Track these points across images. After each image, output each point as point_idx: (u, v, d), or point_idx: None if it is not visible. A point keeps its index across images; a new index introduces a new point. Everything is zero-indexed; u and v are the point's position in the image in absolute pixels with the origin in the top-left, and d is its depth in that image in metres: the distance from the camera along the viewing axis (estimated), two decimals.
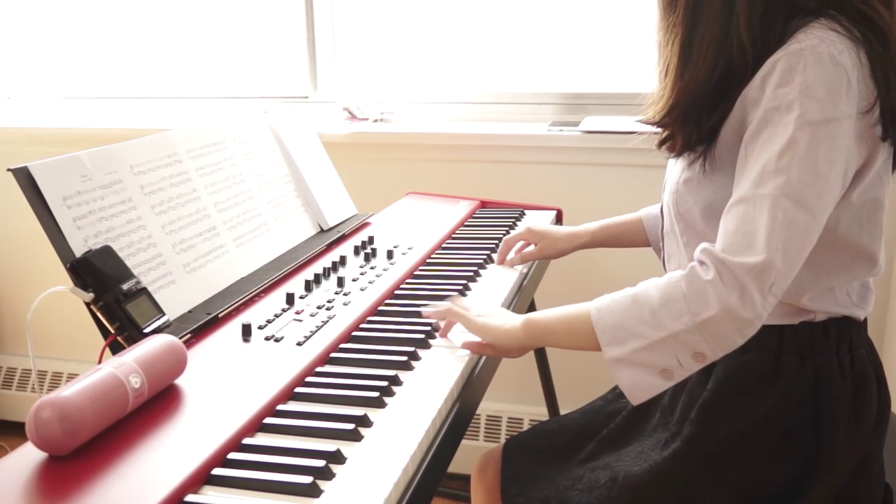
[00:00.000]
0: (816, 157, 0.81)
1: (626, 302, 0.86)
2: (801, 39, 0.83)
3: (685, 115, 0.91)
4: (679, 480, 0.92)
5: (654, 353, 0.83)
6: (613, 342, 0.85)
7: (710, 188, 0.92)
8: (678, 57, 0.89)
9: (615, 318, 0.85)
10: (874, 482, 0.95)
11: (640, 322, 0.84)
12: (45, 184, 0.98)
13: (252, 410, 0.81)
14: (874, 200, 0.90)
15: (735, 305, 0.79)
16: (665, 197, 1.02)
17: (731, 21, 0.86)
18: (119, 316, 0.96)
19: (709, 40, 0.87)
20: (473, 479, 1.21)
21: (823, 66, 0.81)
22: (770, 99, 0.83)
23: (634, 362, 0.84)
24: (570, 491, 0.97)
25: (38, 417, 0.72)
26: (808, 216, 0.81)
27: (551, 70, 2.01)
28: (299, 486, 0.69)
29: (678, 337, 0.82)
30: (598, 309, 0.87)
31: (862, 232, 0.90)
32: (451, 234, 1.49)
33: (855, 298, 0.94)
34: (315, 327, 1.03)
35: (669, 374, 0.84)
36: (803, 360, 0.91)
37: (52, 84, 2.38)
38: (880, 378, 0.96)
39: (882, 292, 1.75)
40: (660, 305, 0.83)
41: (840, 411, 0.91)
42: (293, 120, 1.55)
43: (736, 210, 0.83)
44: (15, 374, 2.37)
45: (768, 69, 0.84)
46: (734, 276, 0.80)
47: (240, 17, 2.20)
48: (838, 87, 0.81)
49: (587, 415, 1.12)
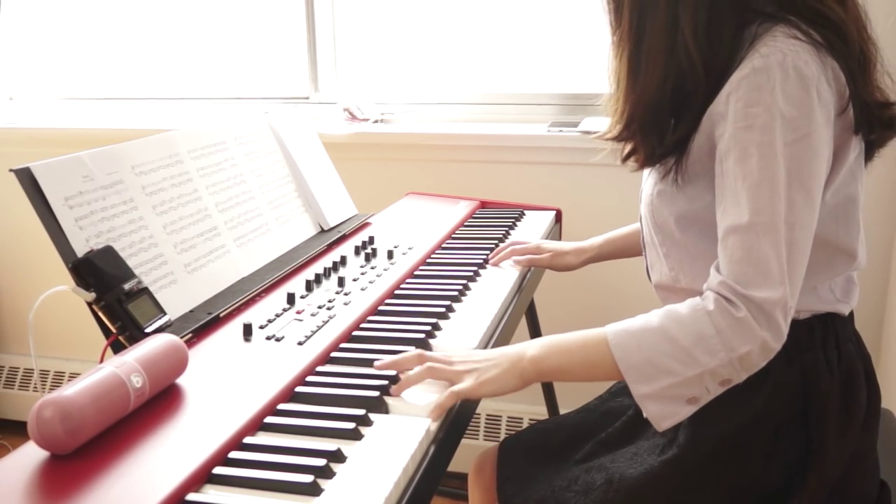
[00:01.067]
0: (801, 176, 0.82)
1: (653, 339, 0.85)
2: (764, 53, 0.82)
3: (644, 128, 0.92)
4: (673, 483, 0.93)
5: (684, 387, 0.84)
6: (642, 380, 0.85)
7: (683, 199, 0.93)
8: (627, 70, 0.90)
9: (643, 355, 0.85)
10: (868, 478, 0.95)
11: (671, 360, 0.83)
12: (47, 184, 0.98)
13: (253, 410, 0.82)
14: (848, 198, 0.91)
15: (769, 339, 0.82)
16: (641, 208, 1.03)
17: (675, 32, 0.86)
18: (120, 315, 0.96)
19: (655, 52, 0.87)
20: (471, 478, 1.22)
21: (791, 82, 0.81)
22: (741, 118, 0.83)
23: (664, 396, 0.85)
24: (567, 492, 0.97)
25: (40, 417, 0.72)
26: (803, 233, 0.83)
27: (551, 71, 2.01)
28: (300, 484, 0.70)
29: (714, 371, 0.83)
30: (618, 346, 0.86)
31: (838, 229, 0.91)
32: (451, 234, 1.49)
33: (838, 294, 0.95)
34: (316, 327, 1.03)
35: (696, 400, 0.85)
36: (790, 359, 0.91)
37: (54, 85, 2.39)
38: (869, 372, 0.96)
39: (880, 292, 1.75)
40: (692, 343, 0.83)
41: (829, 407, 0.91)
42: (294, 121, 1.55)
43: (736, 239, 0.83)
44: (17, 374, 2.37)
45: (734, 86, 0.83)
46: (764, 313, 0.81)
47: (241, 19, 2.21)
48: (808, 99, 0.81)
49: (582, 414, 1.13)
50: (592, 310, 1.89)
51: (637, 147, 0.95)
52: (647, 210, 0.99)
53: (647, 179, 1.00)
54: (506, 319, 1.14)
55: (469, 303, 1.15)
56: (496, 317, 1.11)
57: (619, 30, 0.90)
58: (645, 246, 1.05)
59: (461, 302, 1.15)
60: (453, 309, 1.11)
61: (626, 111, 0.92)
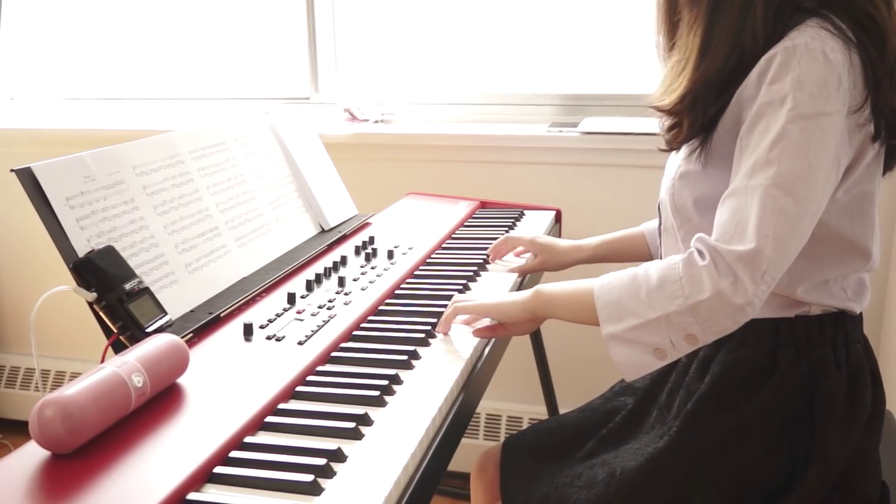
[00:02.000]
0: (807, 149, 0.83)
1: (626, 280, 0.89)
2: (793, 37, 0.85)
3: (695, 102, 0.93)
4: (676, 473, 0.93)
5: (647, 331, 0.86)
6: (611, 319, 0.88)
7: (706, 182, 0.94)
8: (698, 49, 0.91)
9: (614, 295, 0.89)
10: (870, 479, 0.96)
11: (636, 301, 0.87)
12: (49, 184, 0.98)
13: (253, 409, 0.82)
14: (863, 194, 0.91)
15: (727, 291, 0.82)
16: (662, 193, 1.03)
17: (748, 14, 0.88)
18: (121, 315, 0.96)
19: (727, 32, 0.89)
20: (473, 477, 1.22)
21: (815, 62, 0.83)
22: (764, 95, 0.85)
23: (629, 340, 0.87)
24: (569, 488, 0.98)
25: (41, 416, 0.72)
26: (798, 206, 0.83)
27: (550, 71, 2.01)
28: (300, 484, 0.70)
29: (670, 318, 0.85)
30: (600, 286, 0.91)
31: (854, 225, 0.92)
32: (452, 234, 1.50)
33: (850, 293, 0.95)
34: (316, 326, 1.04)
35: (662, 353, 0.87)
36: (799, 354, 0.92)
37: (55, 85, 2.39)
38: (875, 374, 0.97)
39: (878, 292, 1.76)
40: (656, 286, 0.86)
41: (835, 404, 0.91)
42: (294, 121, 1.55)
43: (729, 201, 0.86)
44: (18, 373, 2.38)
45: (763, 67, 0.86)
46: (726, 263, 0.82)
47: (241, 19, 2.21)
48: (829, 82, 0.83)
49: (585, 413, 1.13)
50: None
51: (682, 121, 0.95)
52: (668, 194, 1.00)
53: (671, 164, 1.02)
54: None
55: (476, 290, 1.15)
56: None
57: (697, 7, 0.91)
58: (661, 234, 1.06)
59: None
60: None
61: (685, 87, 0.93)
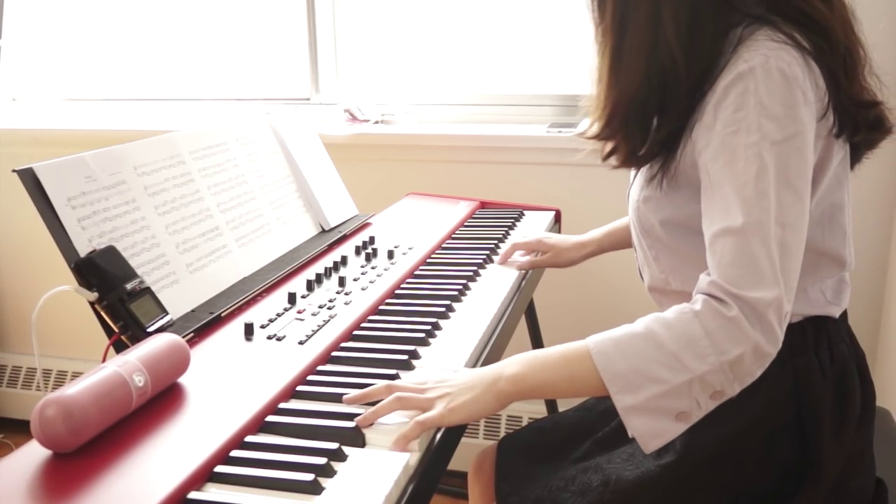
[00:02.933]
0: (789, 176, 0.80)
1: (637, 344, 0.79)
2: (747, 58, 0.82)
3: (626, 126, 0.91)
4: (670, 488, 0.93)
5: (672, 397, 0.78)
6: (626, 389, 0.79)
7: (670, 207, 0.92)
8: (609, 66, 0.90)
9: (628, 363, 0.79)
10: (865, 476, 0.96)
11: (658, 366, 0.78)
12: (50, 185, 0.99)
13: (254, 409, 0.82)
14: (833, 205, 0.90)
15: (762, 342, 0.77)
16: (629, 212, 1.02)
17: (658, 29, 0.85)
18: (123, 315, 0.96)
19: (637, 48, 0.87)
20: (470, 476, 1.22)
21: (775, 83, 0.80)
22: (728, 123, 0.82)
23: (650, 409, 0.79)
24: (563, 493, 0.97)
25: (42, 415, 0.72)
26: (795, 235, 0.81)
27: (550, 72, 2.01)
28: (301, 483, 0.70)
29: (703, 378, 0.77)
30: (601, 354, 0.80)
31: (824, 236, 0.90)
32: (452, 234, 1.50)
33: (829, 296, 0.94)
34: (317, 326, 1.04)
35: (686, 416, 0.80)
36: (783, 363, 0.88)
37: (56, 86, 2.39)
38: (863, 370, 0.96)
39: (877, 292, 1.76)
40: (680, 347, 0.77)
41: (823, 410, 0.90)
42: (295, 121, 1.56)
43: (726, 241, 0.80)
44: (20, 373, 2.38)
45: (720, 95, 0.83)
46: (757, 313, 0.77)
47: (242, 20, 2.21)
48: (793, 99, 0.80)
49: (580, 413, 1.13)
50: (592, 309, 1.90)
51: (618, 145, 0.94)
52: (634, 216, 0.99)
53: (633, 184, 1.00)
54: (505, 319, 1.14)
55: (469, 302, 1.16)
56: (496, 316, 1.11)
57: (602, 25, 0.90)
58: (635, 248, 1.05)
59: (461, 302, 1.16)
60: (453, 308, 1.12)
61: (608, 108, 0.91)
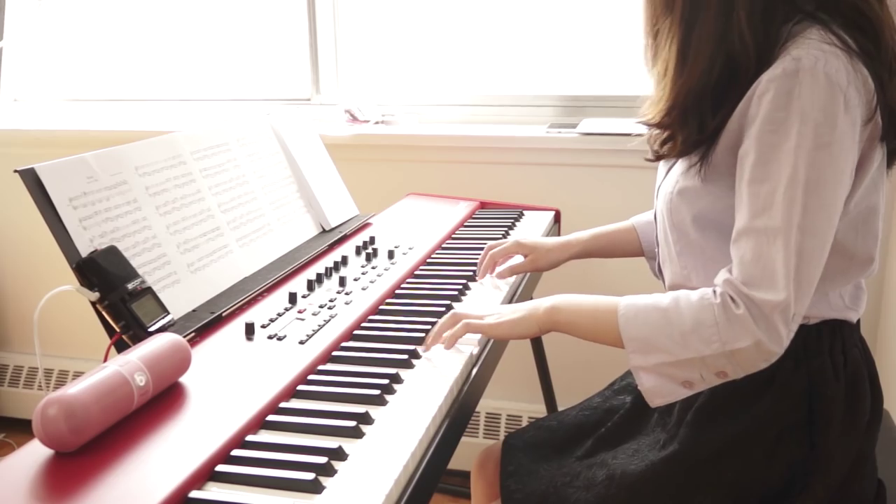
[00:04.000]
0: (819, 184, 0.81)
1: (657, 317, 0.87)
2: (796, 56, 0.82)
3: (685, 114, 0.91)
4: (675, 481, 0.93)
5: (678, 368, 0.87)
6: (639, 351, 0.88)
7: (706, 199, 0.92)
8: (677, 57, 0.89)
9: (644, 331, 0.88)
10: (867, 479, 0.96)
11: (668, 340, 0.86)
12: (52, 185, 0.99)
13: (255, 408, 0.82)
14: (869, 208, 0.90)
15: (764, 340, 0.82)
16: (658, 206, 1.02)
17: (730, 18, 0.85)
18: (124, 315, 0.97)
19: (707, 38, 0.87)
20: (473, 474, 1.22)
21: (820, 88, 0.80)
22: (767, 121, 0.83)
23: (658, 372, 0.88)
24: (568, 488, 0.98)
25: (44, 415, 0.73)
26: (818, 242, 0.82)
27: (550, 73, 2.01)
28: (302, 482, 0.70)
29: (705, 360, 0.85)
30: (625, 316, 0.89)
31: (857, 238, 0.91)
32: (452, 234, 1.50)
33: (847, 300, 0.95)
34: (317, 326, 1.04)
35: (690, 384, 0.88)
36: (797, 364, 0.91)
37: (57, 87, 2.40)
38: (873, 376, 0.97)
39: (875, 293, 1.76)
40: (690, 328, 0.85)
41: (834, 413, 0.91)
42: (296, 122, 1.56)
43: (749, 240, 0.84)
44: (22, 372, 2.38)
45: (764, 88, 0.83)
46: (762, 314, 0.82)
47: (243, 21, 2.22)
48: (835, 108, 0.80)
49: (585, 412, 1.13)
50: None
51: (675, 134, 0.93)
52: (666, 208, 0.98)
53: (667, 177, 0.99)
54: None
55: (469, 302, 1.16)
56: None
57: (671, 16, 0.89)
58: (658, 243, 1.05)
59: (461, 301, 1.16)
60: (453, 308, 1.12)
61: (671, 97, 0.91)
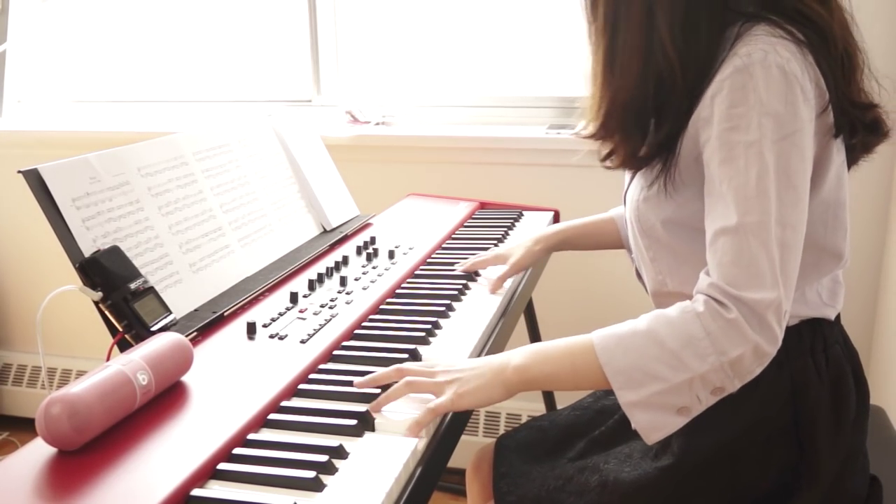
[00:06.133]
0: (790, 172, 0.80)
1: (640, 342, 0.81)
2: (744, 53, 0.81)
3: (623, 127, 0.90)
4: (667, 489, 0.93)
5: (673, 394, 0.80)
6: (629, 386, 0.81)
7: (672, 206, 0.91)
8: (602, 65, 0.89)
9: (630, 360, 0.81)
10: (859, 475, 0.96)
11: (659, 364, 0.79)
12: (55, 185, 1.00)
13: (256, 407, 0.83)
14: (836, 202, 0.90)
15: (761, 343, 0.78)
16: (627, 213, 1.00)
17: (651, 29, 0.84)
18: (127, 314, 0.97)
19: (630, 48, 0.86)
20: (469, 474, 1.22)
21: (774, 79, 0.79)
22: (725, 119, 0.81)
23: (652, 404, 0.81)
24: (561, 492, 0.97)
25: (47, 413, 0.73)
26: (795, 234, 0.81)
27: (549, 74, 2.02)
28: (303, 480, 0.71)
29: (704, 377, 0.79)
30: (604, 350, 0.82)
31: (826, 232, 0.90)
32: (452, 234, 1.51)
33: (825, 297, 0.94)
34: (318, 325, 1.05)
35: (687, 411, 0.82)
36: (780, 366, 0.89)
37: (61, 88, 2.40)
38: (857, 371, 0.96)
39: (871, 293, 1.76)
40: (681, 346, 0.79)
41: (820, 413, 0.91)
42: (297, 123, 1.56)
43: (726, 241, 0.81)
44: (25, 371, 2.39)
45: (717, 88, 0.82)
46: (756, 315, 0.78)
47: (245, 23, 2.22)
48: (793, 96, 0.79)
49: (576, 411, 1.13)
50: (591, 308, 1.90)
51: (616, 147, 0.93)
52: (633, 216, 0.97)
53: (633, 185, 0.99)
54: (504, 318, 1.15)
55: (468, 302, 1.17)
56: (495, 316, 1.12)
57: (595, 24, 0.89)
58: (631, 250, 1.04)
59: (461, 301, 1.17)
60: (453, 308, 1.13)
61: (603, 108, 0.90)
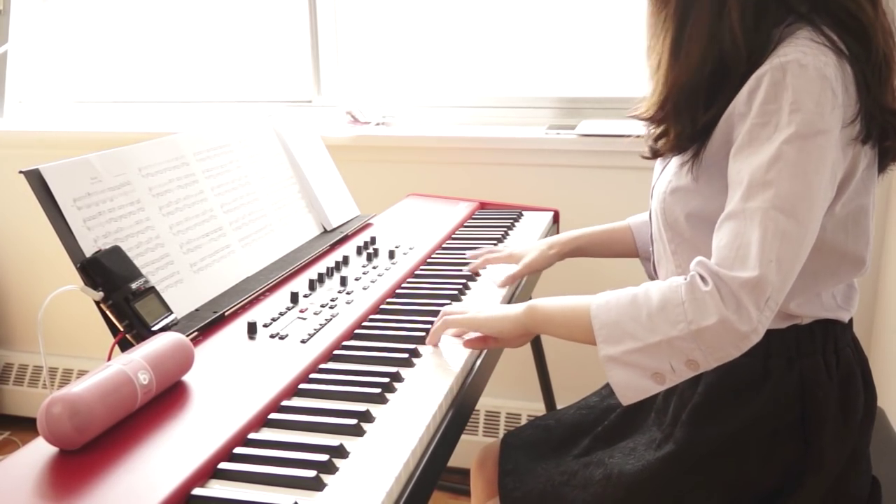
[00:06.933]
0: (805, 169, 0.81)
1: (626, 301, 0.86)
2: (783, 53, 0.83)
3: (678, 109, 0.91)
4: (671, 480, 0.93)
5: (646, 355, 0.84)
6: (608, 340, 0.86)
7: (698, 198, 0.92)
8: (669, 51, 0.90)
9: (613, 316, 0.86)
10: (862, 476, 0.97)
11: (636, 323, 0.84)
12: (56, 186, 1.00)
13: (257, 406, 0.83)
14: (859, 208, 0.90)
15: (732, 318, 0.79)
16: (653, 205, 1.02)
17: (722, 14, 0.86)
18: (128, 314, 0.97)
19: (699, 33, 0.87)
20: (473, 472, 1.23)
21: (809, 79, 0.81)
22: (757, 115, 0.83)
23: (627, 362, 0.85)
24: (566, 487, 0.99)
25: (49, 413, 0.73)
26: (799, 227, 0.81)
27: (548, 75, 2.02)
28: (303, 479, 0.71)
29: (672, 342, 0.82)
30: (597, 305, 0.88)
31: (848, 238, 0.91)
32: (452, 234, 1.51)
33: (840, 300, 0.95)
34: (319, 325, 1.05)
35: (661, 378, 0.85)
36: (790, 363, 0.91)
37: (62, 88, 2.41)
38: (866, 375, 0.97)
39: (870, 294, 1.76)
40: (657, 309, 0.83)
41: (827, 411, 0.91)
42: (297, 123, 1.57)
43: (728, 224, 0.83)
44: (26, 371, 2.40)
45: (754, 85, 0.84)
46: (730, 291, 0.80)
47: (245, 24, 2.23)
48: (824, 99, 0.81)
49: (582, 410, 1.14)
50: None
51: (668, 129, 0.94)
52: (659, 207, 0.98)
53: (660, 176, 1.00)
54: None
55: (469, 302, 1.17)
56: None
57: (665, 10, 0.90)
58: (652, 241, 1.05)
59: (461, 301, 1.17)
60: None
61: (663, 91, 0.91)
